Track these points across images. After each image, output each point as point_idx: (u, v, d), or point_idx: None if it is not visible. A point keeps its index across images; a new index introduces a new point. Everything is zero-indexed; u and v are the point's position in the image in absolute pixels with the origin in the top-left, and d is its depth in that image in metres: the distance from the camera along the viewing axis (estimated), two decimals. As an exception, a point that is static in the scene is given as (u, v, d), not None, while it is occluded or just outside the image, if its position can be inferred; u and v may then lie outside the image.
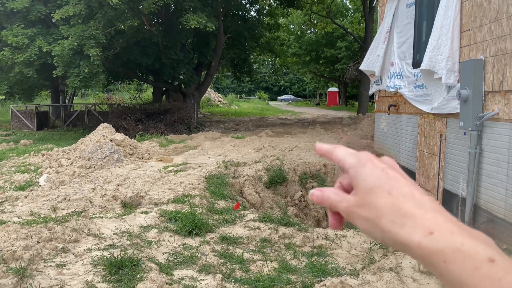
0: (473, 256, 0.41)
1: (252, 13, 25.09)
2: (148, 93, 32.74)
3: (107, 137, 9.83)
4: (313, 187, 8.42)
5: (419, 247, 0.44)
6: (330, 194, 0.53)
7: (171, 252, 4.36)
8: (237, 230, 5.13)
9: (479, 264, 0.41)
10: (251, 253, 4.48)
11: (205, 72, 23.49)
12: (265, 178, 8.11)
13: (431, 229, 0.44)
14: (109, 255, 3.98)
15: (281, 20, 32.23)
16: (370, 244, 4.72)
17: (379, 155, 0.54)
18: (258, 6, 24.49)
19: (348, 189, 0.53)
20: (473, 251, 0.41)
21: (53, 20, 15.54)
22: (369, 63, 9.27)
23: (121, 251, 4.15)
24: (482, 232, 0.45)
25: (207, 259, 4.17)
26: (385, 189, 0.48)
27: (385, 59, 8.83)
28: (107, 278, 3.65)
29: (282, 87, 74.57)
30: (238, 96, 65.70)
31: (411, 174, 7.41)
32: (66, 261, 3.97)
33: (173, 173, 8.03)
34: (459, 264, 0.41)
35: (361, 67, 9.70)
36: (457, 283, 0.41)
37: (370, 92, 10.05)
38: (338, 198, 0.52)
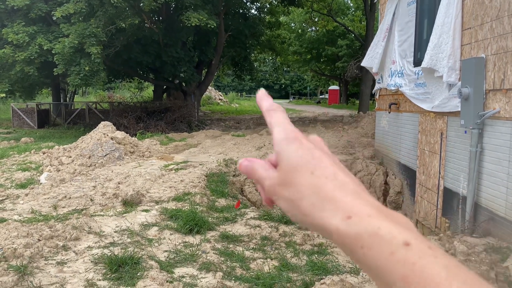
0: (389, 240, 0.39)
1: (253, 11, 25.07)
2: (149, 91, 32.73)
3: (107, 135, 9.84)
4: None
5: (337, 232, 0.42)
6: (258, 167, 0.50)
7: (172, 250, 4.36)
8: (238, 228, 5.13)
9: (394, 249, 0.39)
10: (251, 251, 4.49)
11: (206, 70, 23.48)
12: (265, 176, 8.10)
13: (349, 213, 0.42)
14: (110, 253, 3.98)
15: (282, 18, 32.18)
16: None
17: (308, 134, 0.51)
18: (259, 4, 24.45)
19: (275, 166, 0.49)
20: (389, 235, 0.40)
21: (54, 18, 15.52)
22: (369, 59, 9.32)
23: (121, 249, 4.15)
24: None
25: (208, 257, 4.18)
26: (308, 168, 0.45)
27: (383, 56, 8.83)
28: (108, 276, 3.65)
29: (283, 86, 74.55)
30: (239, 94, 65.67)
31: (412, 172, 7.41)
32: (67, 259, 3.97)
33: (173, 171, 8.03)
34: (376, 249, 0.39)
35: (362, 63, 9.75)
36: (374, 269, 0.40)
37: (374, 90, 10.07)
38: (265, 173, 0.49)
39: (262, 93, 0.53)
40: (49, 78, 19.27)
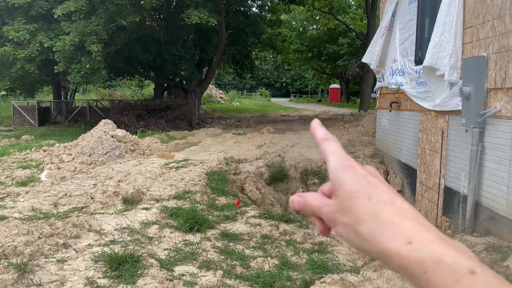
0: (454, 267, 0.40)
1: (254, 9, 25.04)
2: (149, 89, 32.74)
3: (108, 133, 9.84)
4: (314, 183, 8.42)
5: (398, 256, 0.43)
6: (311, 200, 0.52)
7: (172, 248, 4.36)
8: (238, 227, 5.13)
9: (460, 276, 0.40)
10: (251, 249, 4.48)
11: (207, 68, 23.47)
12: (266, 174, 8.11)
13: (410, 238, 0.43)
14: (110, 251, 3.98)
15: (283, 16, 32.13)
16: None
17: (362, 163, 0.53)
18: (260, 2, 24.42)
19: (329, 196, 0.51)
20: (454, 262, 0.40)
21: (55, 16, 15.51)
22: (369, 56, 9.36)
23: (122, 247, 4.15)
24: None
25: (208, 256, 4.18)
26: (365, 194, 0.47)
27: (383, 54, 8.84)
28: (108, 274, 3.65)
29: (284, 84, 74.51)
30: (240, 92, 65.64)
31: (413, 171, 7.40)
32: (67, 257, 3.98)
33: (174, 169, 8.03)
34: (440, 275, 0.40)
35: (363, 59, 9.78)
36: None
37: (375, 89, 10.08)
38: (319, 203, 0.51)
39: (316, 123, 0.56)
40: (49, 75, 19.26)
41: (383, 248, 0.44)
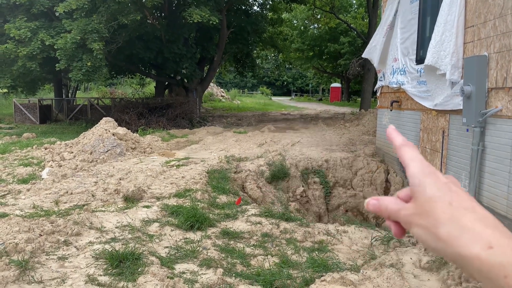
0: None
1: (255, 7, 25.03)
2: (150, 87, 32.74)
3: (109, 131, 9.85)
4: (314, 182, 8.42)
5: (478, 260, 0.44)
6: (388, 203, 0.53)
7: (173, 246, 4.37)
8: (239, 225, 5.14)
9: None
10: (252, 247, 4.49)
11: (208, 66, 23.46)
12: (267, 173, 8.11)
13: (491, 244, 0.44)
14: (111, 249, 3.99)
15: (284, 15, 32.10)
16: (371, 239, 4.73)
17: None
18: (261, 1, 24.39)
19: (405, 201, 0.53)
20: None
21: (56, 14, 15.51)
22: (369, 52, 9.37)
23: (122, 244, 4.16)
24: None
25: (208, 254, 4.19)
26: (445, 200, 0.48)
27: (385, 54, 8.83)
28: (109, 271, 3.66)
29: (285, 83, 74.48)
30: (241, 91, 65.63)
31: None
32: (68, 254, 3.99)
33: (175, 167, 8.04)
34: None
35: (364, 55, 9.79)
36: None
37: (376, 88, 10.08)
38: (397, 206, 0.52)
39: (392, 130, 0.57)
40: (51, 73, 19.25)
41: (462, 252, 0.45)
